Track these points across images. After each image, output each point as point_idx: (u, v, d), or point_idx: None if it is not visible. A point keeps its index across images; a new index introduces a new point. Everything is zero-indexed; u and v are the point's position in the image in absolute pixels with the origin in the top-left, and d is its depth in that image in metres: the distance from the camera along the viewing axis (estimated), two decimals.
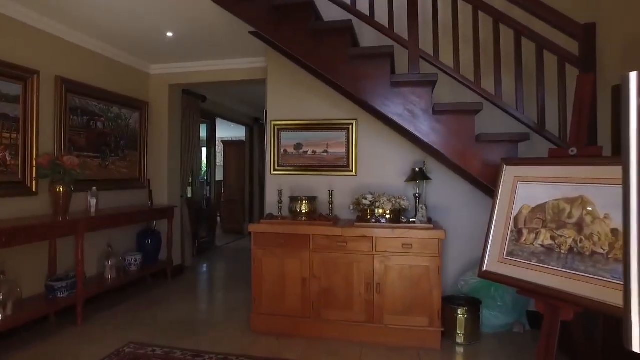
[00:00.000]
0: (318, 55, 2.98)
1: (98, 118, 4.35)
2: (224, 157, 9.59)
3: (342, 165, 3.90)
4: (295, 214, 3.58)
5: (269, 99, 4.15)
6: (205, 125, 7.46)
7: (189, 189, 6.39)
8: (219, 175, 9.53)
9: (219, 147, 9.72)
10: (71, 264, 3.89)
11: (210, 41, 4.27)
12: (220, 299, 4.40)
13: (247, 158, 9.30)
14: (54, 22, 3.77)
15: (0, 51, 3.33)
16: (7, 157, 3.39)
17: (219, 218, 9.46)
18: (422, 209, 3.37)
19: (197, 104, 6.15)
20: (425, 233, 3.17)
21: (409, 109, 2.87)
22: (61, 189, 3.59)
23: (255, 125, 9.24)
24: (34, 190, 3.59)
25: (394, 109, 2.88)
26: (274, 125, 4.06)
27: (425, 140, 2.85)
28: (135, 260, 4.58)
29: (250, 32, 3.91)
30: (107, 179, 4.48)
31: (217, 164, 8.99)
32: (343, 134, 3.89)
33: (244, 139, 9.41)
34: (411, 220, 3.37)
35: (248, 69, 4.94)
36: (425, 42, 3.00)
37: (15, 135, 3.46)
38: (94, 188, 4.12)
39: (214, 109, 7.19)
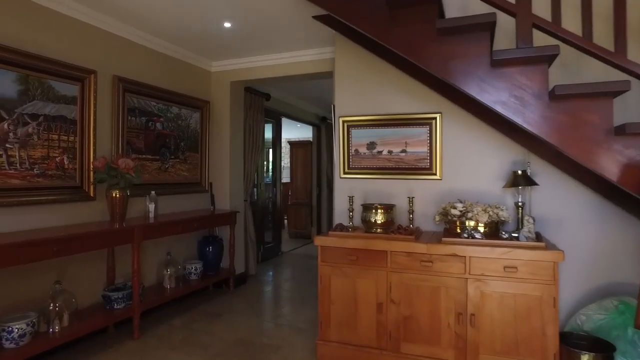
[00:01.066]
0: (396, 33, 2.42)
1: (157, 118, 4.14)
2: (291, 157, 9.29)
3: (423, 168, 3.29)
4: (368, 225, 3.05)
5: (336, 92, 3.65)
6: (270, 125, 7.17)
7: (255, 191, 6.09)
8: (286, 177, 9.26)
9: (285, 148, 9.45)
10: (130, 271, 3.68)
11: (271, 30, 3.86)
12: (285, 316, 3.99)
13: (314, 159, 8.93)
14: (111, 19, 3.57)
15: (56, 51, 3.16)
16: (65, 161, 3.22)
17: (285, 221, 9.19)
18: (528, 222, 2.67)
19: (261, 103, 5.83)
20: (535, 254, 2.48)
21: (516, 95, 2.21)
22: (117, 194, 3.37)
23: (323, 124, 8.83)
24: (91, 195, 3.41)
25: (496, 96, 2.24)
26: (343, 122, 3.55)
27: (538, 134, 2.18)
28: (196, 269, 4.32)
29: (315, 17, 3.44)
30: (167, 183, 4.26)
31: (284, 165, 8.72)
32: (424, 130, 3.28)
33: (310, 139, 9.04)
34: (513, 235, 2.69)
35: (314, 60, 4.49)
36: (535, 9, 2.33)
37: (73, 137, 3.28)
38: (153, 192, 3.89)
39: (279, 108, 6.86)
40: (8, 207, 2.85)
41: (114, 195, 3.37)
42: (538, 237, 2.71)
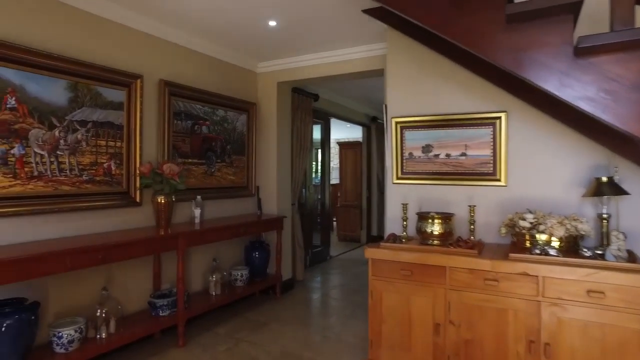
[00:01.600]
0: (457, 24, 2.13)
1: (203, 122, 4.07)
2: (340, 158, 9.08)
3: (486, 173, 2.96)
4: (424, 236, 2.77)
5: (388, 91, 3.39)
6: (319, 125, 7.00)
7: (303, 192, 5.94)
8: (334, 178, 9.07)
9: (334, 149, 9.27)
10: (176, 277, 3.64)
11: (318, 27, 3.67)
12: (333, 328, 3.78)
13: (364, 160, 8.66)
14: (156, 22, 3.54)
15: (102, 57, 3.16)
16: (112, 167, 3.21)
17: (334, 224, 9.00)
18: (617, 238, 2.28)
19: (309, 103, 5.66)
20: (630, 278, 2.09)
21: (606, 89, 1.85)
22: (162, 200, 3.32)
23: (373, 124, 8.55)
24: (137, 200, 3.38)
25: (580, 91, 1.89)
26: (396, 124, 3.28)
27: (635, 134, 1.81)
28: (242, 275, 4.22)
29: (364, 10, 3.21)
30: (213, 187, 4.19)
31: (333, 166, 8.53)
32: (487, 131, 2.94)
33: (360, 139, 8.79)
34: (597, 253, 2.31)
35: (364, 58, 4.25)
36: None
37: (120, 143, 3.27)
38: (199, 197, 3.83)
39: (328, 108, 6.67)
40: (59, 213, 2.86)
41: (159, 200, 3.32)
42: (631, 256, 2.30)
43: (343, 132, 10.24)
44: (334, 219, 9.01)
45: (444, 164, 3.09)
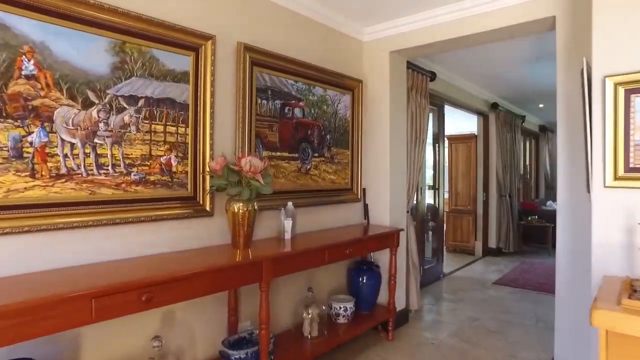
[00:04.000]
0: None
1: (296, 102, 3.04)
2: (448, 155, 7.64)
3: None
4: None
5: (597, 33, 2.02)
6: (430, 113, 5.68)
7: (416, 196, 4.70)
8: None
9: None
10: (258, 312, 2.64)
11: None
12: None
13: (479, 157, 7.13)
14: None
15: (161, 10, 2.25)
16: (172, 162, 2.30)
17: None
18: None
19: (425, 84, 4.40)
20: None
21: None
22: (239, 209, 2.33)
23: (492, 112, 6.97)
24: (207, 209, 2.44)
25: None
26: (615, 85, 1.90)
27: None
28: (345, 310, 3.13)
29: None
30: (308, 190, 3.14)
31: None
32: None
33: (474, 132, 7.26)
34: None
35: (519, 4, 2.90)
36: None
37: (184, 129, 2.35)
38: (290, 204, 2.81)
39: (444, 91, 5.33)
40: (94, 227, 1.99)
41: (235, 209, 2.33)
42: None
43: (450, 123, 8.72)
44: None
45: None
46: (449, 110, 5.99)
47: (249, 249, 2.39)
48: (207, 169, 2.39)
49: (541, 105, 7.74)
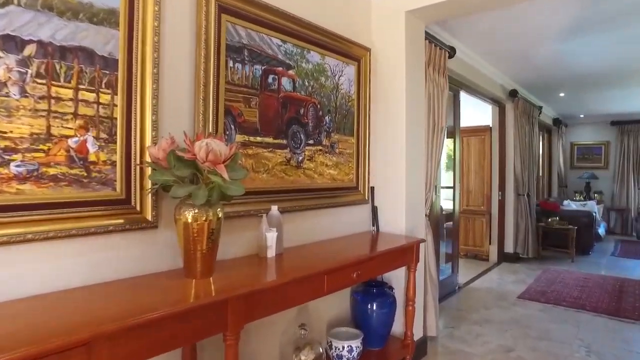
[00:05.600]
0: None
1: (284, 70, 2.23)
2: (460, 150, 6.86)
3: None
4: None
5: None
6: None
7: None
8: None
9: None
10: None
11: None
12: None
13: (494, 152, 6.36)
14: None
15: None
16: (89, 146, 1.49)
17: None
18: None
19: (443, 59, 3.62)
20: None
21: None
22: (193, 218, 1.52)
23: (510, 101, 6.19)
24: (148, 218, 1.64)
25: None
26: None
27: None
28: (351, 350, 2.32)
29: None
30: (299, 189, 2.33)
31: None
32: None
33: (487, 124, 6.48)
34: None
35: None
36: None
37: (109, 96, 1.54)
38: (275, 209, 2.00)
39: (462, 73, 4.55)
40: None
41: (188, 219, 1.53)
42: None
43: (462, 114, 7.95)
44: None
45: None
46: (462, 99, 5.20)
47: (210, 278, 1.59)
48: (147, 157, 1.59)
49: (562, 94, 6.97)
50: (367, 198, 2.83)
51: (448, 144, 4.98)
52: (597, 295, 4.52)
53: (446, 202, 5.18)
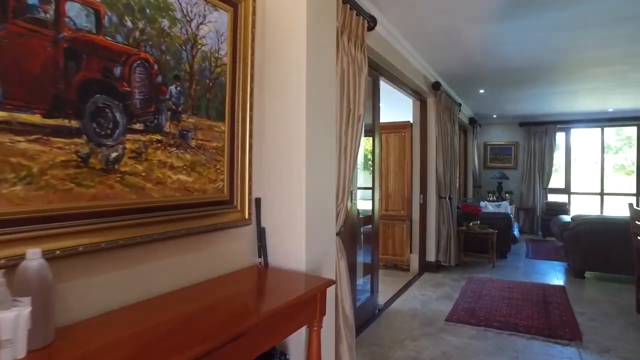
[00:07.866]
0: None
1: (79, 9, 1.20)
2: (380, 148, 6.20)
3: None
4: None
5: None
6: None
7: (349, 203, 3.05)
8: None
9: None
10: None
11: None
12: None
13: (415, 151, 5.78)
14: None
15: None
16: None
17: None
18: None
19: (362, 30, 2.80)
20: None
21: None
22: None
23: (432, 95, 5.65)
24: None
25: None
26: None
27: None
28: None
29: None
30: (107, 209, 1.30)
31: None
32: None
33: (410, 119, 5.88)
34: None
35: None
36: None
37: None
38: (34, 253, 0.97)
39: (383, 52, 3.78)
40: None
41: None
42: None
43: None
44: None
45: None
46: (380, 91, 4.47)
47: None
48: None
49: (482, 91, 6.62)
50: (248, 217, 1.87)
51: (364, 141, 4.22)
52: (526, 310, 4.07)
53: (364, 202, 4.43)
